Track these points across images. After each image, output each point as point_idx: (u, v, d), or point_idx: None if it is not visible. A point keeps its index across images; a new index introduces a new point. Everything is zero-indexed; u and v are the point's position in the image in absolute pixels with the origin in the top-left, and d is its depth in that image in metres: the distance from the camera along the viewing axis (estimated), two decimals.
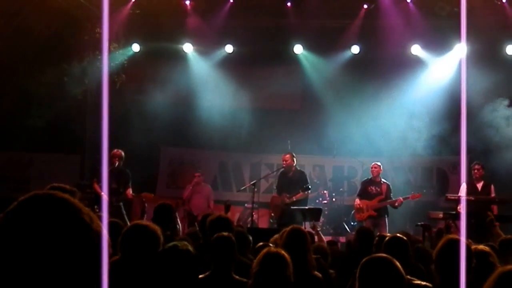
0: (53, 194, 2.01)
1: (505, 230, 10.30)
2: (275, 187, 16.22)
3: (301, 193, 15.40)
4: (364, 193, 16.30)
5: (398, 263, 4.65)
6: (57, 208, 1.96)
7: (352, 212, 16.50)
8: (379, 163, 16.37)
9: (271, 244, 7.02)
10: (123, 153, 14.93)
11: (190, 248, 4.71)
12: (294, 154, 15.82)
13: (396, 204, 15.80)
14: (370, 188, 16.24)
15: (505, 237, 8.31)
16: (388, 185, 16.19)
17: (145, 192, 15.22)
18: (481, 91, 16.04)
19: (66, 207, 1.98)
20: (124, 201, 14.88)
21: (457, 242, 5.26)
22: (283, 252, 5.61)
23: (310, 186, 16.09)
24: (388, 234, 7.95)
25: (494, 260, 5.55)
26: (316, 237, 10.86)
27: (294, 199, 15.30)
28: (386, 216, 15.87)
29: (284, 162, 15.59)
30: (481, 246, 5.54)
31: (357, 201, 16.34)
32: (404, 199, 15.87)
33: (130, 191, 14.90)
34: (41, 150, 19.08)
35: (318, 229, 11.23)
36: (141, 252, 5.21)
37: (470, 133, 3.08)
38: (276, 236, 8.15)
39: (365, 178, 16.79)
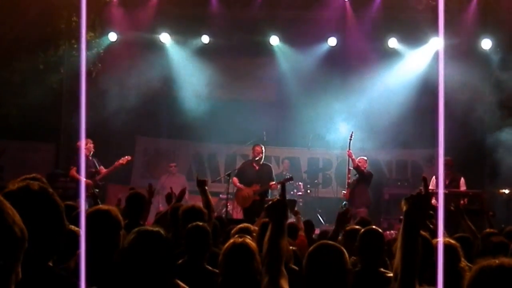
0: None
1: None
2: (235, 176, 16.16)
3: (275, 184, 15.56)
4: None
5: (341, 248, 4.68)
6: None
7: (344, 203, 16.69)
8: (365, 158, 16.64)
9: (254, 235, 7.02)
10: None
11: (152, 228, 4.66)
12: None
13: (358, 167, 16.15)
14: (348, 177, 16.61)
15: (463, 234, 8.37)
16: (368, 172, 16.44)
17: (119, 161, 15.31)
18: (456, 84, 16.12)
19: None
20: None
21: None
22: (249, 242, 5.62)
23: (291, 176, 16.54)
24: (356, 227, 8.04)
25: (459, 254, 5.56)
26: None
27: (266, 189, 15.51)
28: (365, 207, 16.03)
29: (260, 155, 15.61)
30: (447, 239, 5.53)
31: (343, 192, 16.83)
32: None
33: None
34: (15, 138, 18.96)
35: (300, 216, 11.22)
36: (102, 237, 5.16)
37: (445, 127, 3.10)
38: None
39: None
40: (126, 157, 15.42)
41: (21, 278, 2.03)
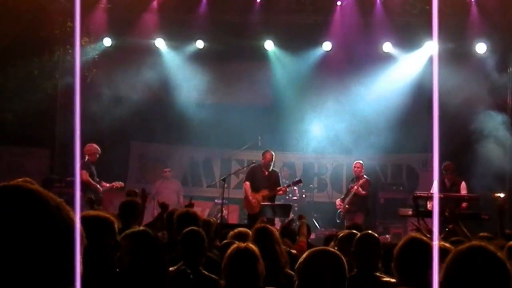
0: (21, 185, 2.00)
1: (473, 228, 10.35)
2: (244, 180, 16.32)
3: (284, 188, 15.97)
4: (347, 192, 16.90)
5: (341, 256, 4.64)
6: (23, 200, 1.94)
7: (338, 211, 16.72)
8: (361, 162, 16.74)
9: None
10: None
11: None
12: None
13: (354, 191, 16.24)
14: (351, 186, 16.77)
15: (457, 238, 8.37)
16: (365, 181, 16.49)
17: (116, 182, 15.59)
18: (451, 88, 16.11)
19: (33, 199, 1.97)
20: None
21: (419, 241, 5.26)
22: (252, 247, 5.61)
23: (300, 179, 16.87)
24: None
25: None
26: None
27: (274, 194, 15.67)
28: (361, 212, 16.21)
29: (270, 162, 15.82)
30: (441, 243, 5.53)
31: (337, 201, 16.91)
32: (356, 185, 16.27)
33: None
34: (10, 144, 18.92)
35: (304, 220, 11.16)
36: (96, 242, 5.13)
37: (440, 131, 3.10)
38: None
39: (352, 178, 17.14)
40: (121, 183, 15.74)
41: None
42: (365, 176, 16.67)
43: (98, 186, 15.28)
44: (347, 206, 16.39)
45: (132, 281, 4.47)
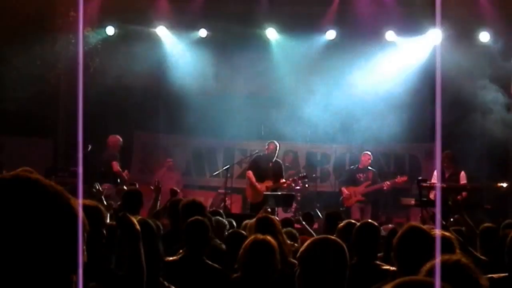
0: (19, 175, 2.00)
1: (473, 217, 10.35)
2: (247, 169, 16.39)
3: (289, 181, 16.38)
4: (351, 180, 16.90)
5: (342, 244, 4.63)
6: (22, 189, 1.95)
7: (341, 198, 16.74)
8: (369, 153, 16.78)
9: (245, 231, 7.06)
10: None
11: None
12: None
13: (385, 188, 16.27)
14: (358, 175, 16.85)
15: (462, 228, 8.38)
16: (374, 172, 16.71)
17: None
18: (454, 77, 16.06)
19: (31, 187, 1.97)
20: None
21: (418, 229, 5.26)
22: (269, 239, 5.64)
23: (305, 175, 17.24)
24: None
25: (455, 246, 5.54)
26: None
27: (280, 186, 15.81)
28: (372, 204, 16.37)
29: (274, 153, 15.93)
30: (440, 232, 5.54)
31: (344, 189, 16.88)
32: (391, 182, 16.26)
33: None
34: (13, 134, 18.92)
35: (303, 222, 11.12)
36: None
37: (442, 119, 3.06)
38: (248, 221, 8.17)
39: (352, 166, 17.39)
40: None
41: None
42: (369, 167, 16.78)
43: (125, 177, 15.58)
44: (361, 196, 16.44)
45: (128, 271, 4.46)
